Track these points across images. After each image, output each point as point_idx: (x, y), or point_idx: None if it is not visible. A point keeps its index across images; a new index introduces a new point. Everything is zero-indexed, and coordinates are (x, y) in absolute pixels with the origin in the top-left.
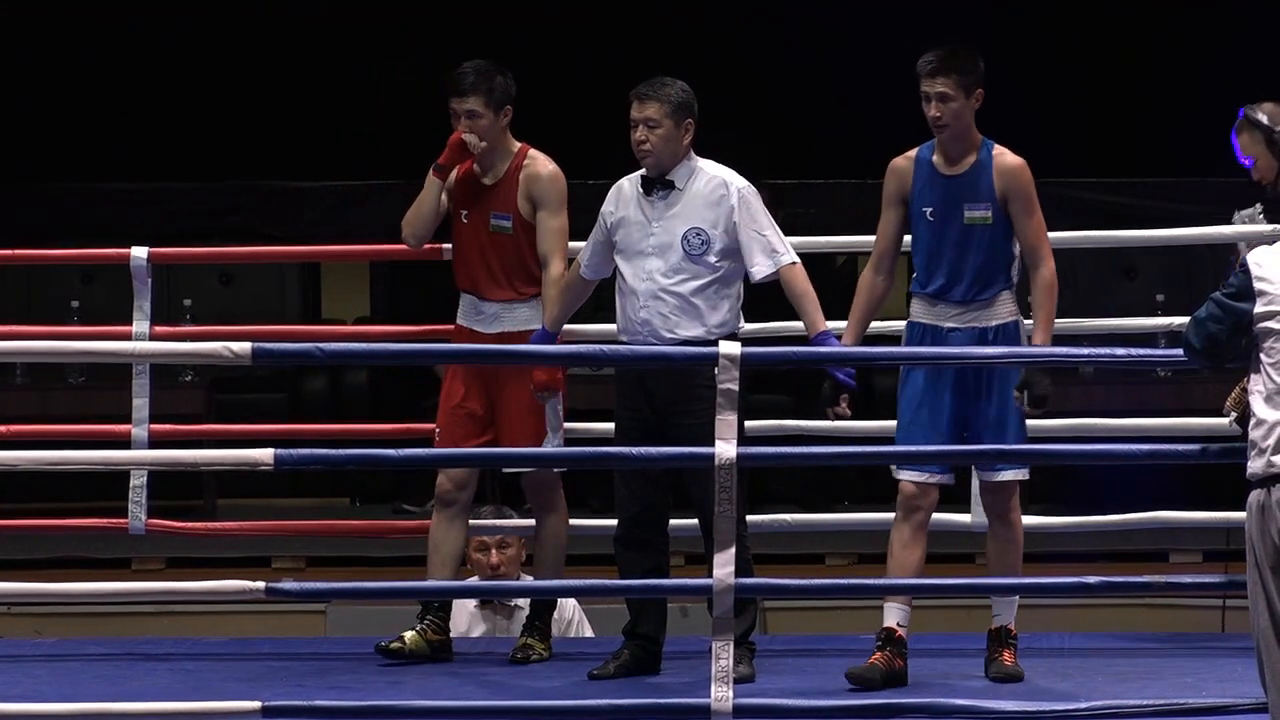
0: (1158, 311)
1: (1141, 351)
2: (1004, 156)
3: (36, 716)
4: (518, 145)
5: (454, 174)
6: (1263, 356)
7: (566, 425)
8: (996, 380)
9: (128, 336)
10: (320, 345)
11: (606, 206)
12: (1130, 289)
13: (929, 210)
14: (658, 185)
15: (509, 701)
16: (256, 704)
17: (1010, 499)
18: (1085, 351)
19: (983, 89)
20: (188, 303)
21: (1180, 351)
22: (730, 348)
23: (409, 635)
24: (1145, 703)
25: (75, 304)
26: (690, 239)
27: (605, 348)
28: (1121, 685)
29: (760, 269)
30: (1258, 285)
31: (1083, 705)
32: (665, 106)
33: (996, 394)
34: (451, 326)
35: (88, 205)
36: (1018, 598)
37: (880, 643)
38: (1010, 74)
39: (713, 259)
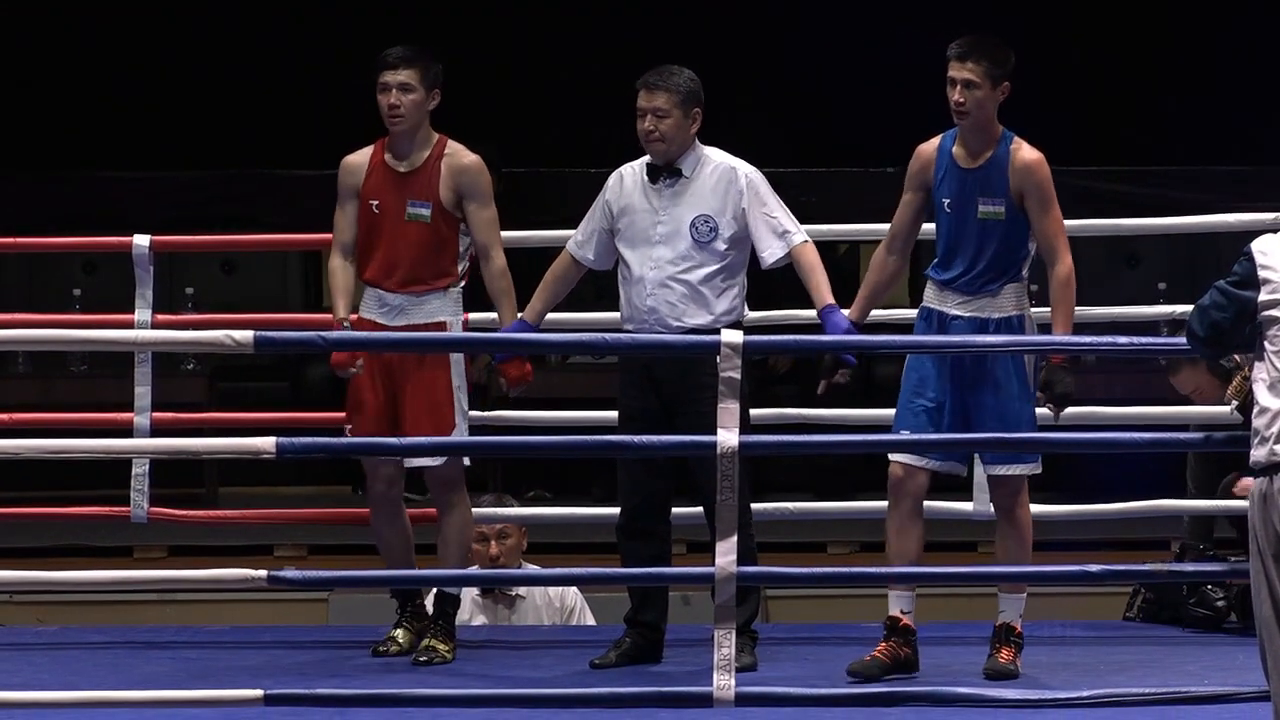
0: (1160, 300)
1: (1144, 340)
2: (1020, 151)
3: (38, 704)
4: (436, 135)
5: (366, 163)
6: (1266, 344)
7: (569, 414)
8: (999, 372)
9: (130, 325)
10: (322, 334)
11: (609, 195)
12: (1132, 277)
13: (947, 201)
14: (664, 173)
15: (511, 690)
16: (259, 692)
17: (1016, 495)
18: (1087, 340)
19: (1010, 84)
20: (190, 291)
21: (1183, 340)
22: (732, 336)
23: (399, 635)
24: (1147, 691)
25: (77, 292)
26: (699, 226)
27: (608, 336)
28: (1124, 674)
29: (773, 252)
30: (1262, 273)
31: (1085, 694)
32: (674, 96)
33: (998, 386)
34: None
35: (90, 194)
36: (1024, 596)
37: (885, 632)
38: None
39: (721, 246)
